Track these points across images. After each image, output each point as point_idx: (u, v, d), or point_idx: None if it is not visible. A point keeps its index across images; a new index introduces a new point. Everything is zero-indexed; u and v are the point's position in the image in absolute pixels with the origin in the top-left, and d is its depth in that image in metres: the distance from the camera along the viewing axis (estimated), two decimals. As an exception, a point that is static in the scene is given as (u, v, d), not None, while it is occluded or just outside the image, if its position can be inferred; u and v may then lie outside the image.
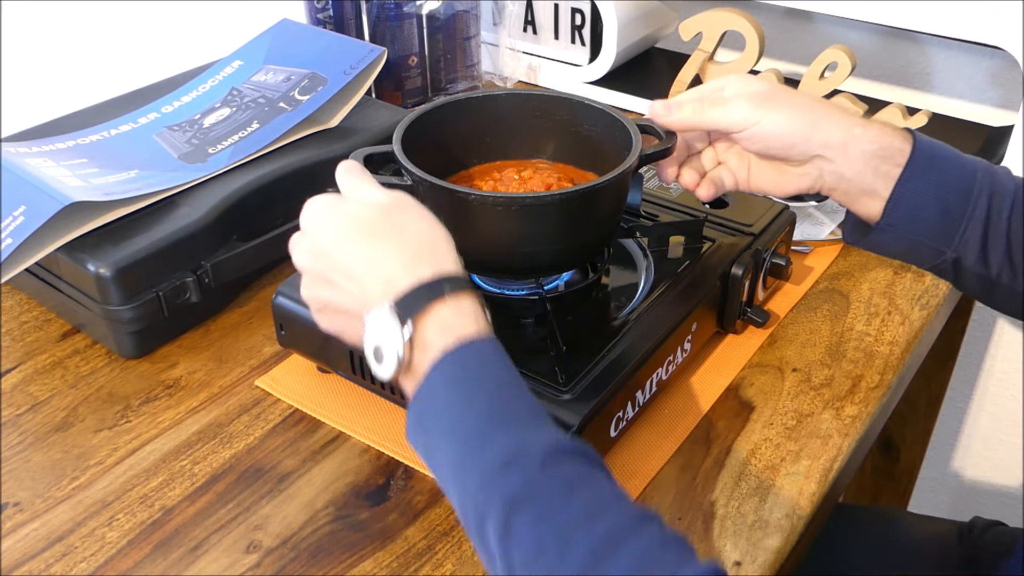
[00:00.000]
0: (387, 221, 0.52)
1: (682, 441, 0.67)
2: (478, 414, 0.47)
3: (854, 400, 0.70)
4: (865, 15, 0.93)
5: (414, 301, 0.48)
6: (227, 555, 0.59)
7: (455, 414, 0.47)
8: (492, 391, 0.48)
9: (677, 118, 0.64)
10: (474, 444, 0.46)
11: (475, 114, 0.72)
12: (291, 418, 0.70)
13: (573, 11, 1.14)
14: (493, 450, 0.45)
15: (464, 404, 0.47)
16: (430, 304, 0.48)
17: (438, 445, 0.48)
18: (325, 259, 0.52)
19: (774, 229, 0.77)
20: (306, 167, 0.83)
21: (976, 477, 1.33)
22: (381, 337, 0.49)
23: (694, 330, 0.70)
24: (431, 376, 0.48)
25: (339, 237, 0.52)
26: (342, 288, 0.51)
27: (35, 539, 0.60)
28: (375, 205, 0.53)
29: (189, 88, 0.94)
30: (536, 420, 0.47)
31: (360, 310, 0.50)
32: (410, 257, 0.50)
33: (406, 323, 0.48)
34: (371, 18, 1.06)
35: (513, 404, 0.48)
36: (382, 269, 0.50)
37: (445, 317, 0.48)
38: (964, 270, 0.61)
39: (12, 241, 0.69)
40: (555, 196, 0.61)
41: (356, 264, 0.51)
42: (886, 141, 0.60)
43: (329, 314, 0.54)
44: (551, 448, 0.45)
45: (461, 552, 0.59)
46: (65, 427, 0.69)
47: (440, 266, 0.50)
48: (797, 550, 0.61)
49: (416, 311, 0.48)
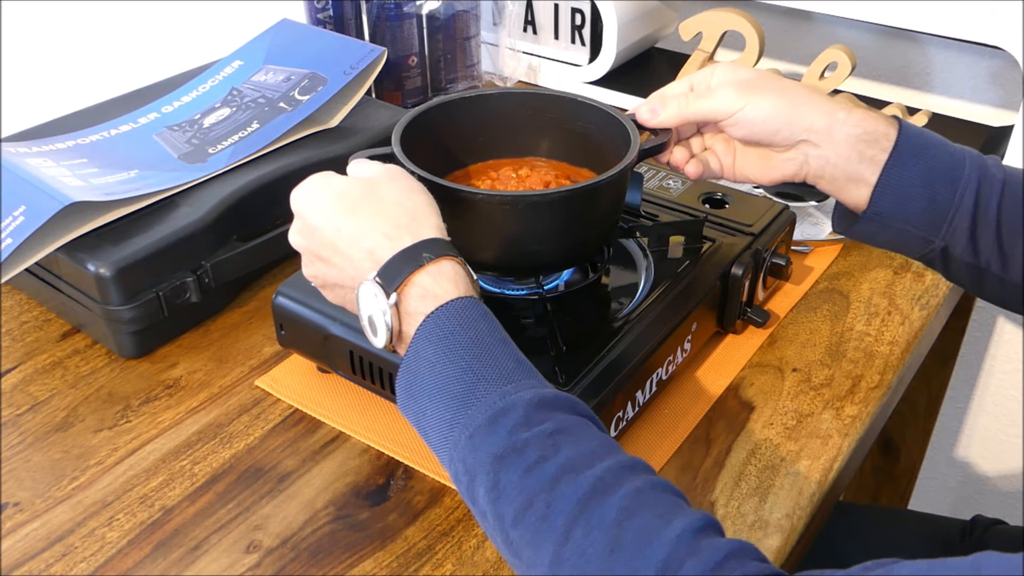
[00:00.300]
0: (370, 194, 0.53)
1: (682, 441, 0.67)
2: (462, 373, 0.47)
3: (854, 400, 0.70)
4: (865, 15, 0.93)
5: (396, 271, 0.50)
6: (227, 555, 0.59)
7: (439, 374, 0.48)
8: (475, 350, 0.48)
9: (664, 118, 0.65)
10: (460, 402, 0.47)
11: (469, 113, 0.72)
12: (291, 418, 0.70)
13: (573, 11, 1.14)
14: (478, 407, 0.46)
15: (447, 364, 0.48)
16: (412, 273, 0.50)
17: (425, 409, 0.48)
18: (315, 236, 0.53)
19: (774, 229, 0.77)
20: (306, 167, 0.83)
21: (976, 477, 1.33)
22: (371, 308, 0.50)
23: (694, 330, 0.70)
24: (415, 341, 0.49)
25: (325, 213, 0.53)
26: (334, 263, 0.53)
27: (35, 539, 0.60)
28: (359, 180, 0.54)
29: (189, 88, 0.94)
30: (521, 375, 0.48)
31: (352, 284, 0.52)
32: (391, 227, 0.51)
33: (390, 294, 0.49)
34: (371, 18, 1.06)
35: (498, 361, 0.48)
36: (366, 241, 0.51)
37: (425, 283, 0.50)
38: (953, 259, 0.61)
39: (12, 241, 0.69)
40: (561, 193, 0.61)
41: (342, 239, 0.52)
42: (871, 125, 0.60)
43: (330, 289, 0.56)
44: (537, 402, 0.46)
45: (461, 552, 0.59)
46: (65, 427, 0.69)
47: (419, 233, 0.51)
48: (797, 550, 0.61)
49: (399, 281, 0.49)
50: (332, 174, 0.55)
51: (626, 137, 0.65)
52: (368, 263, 0.51)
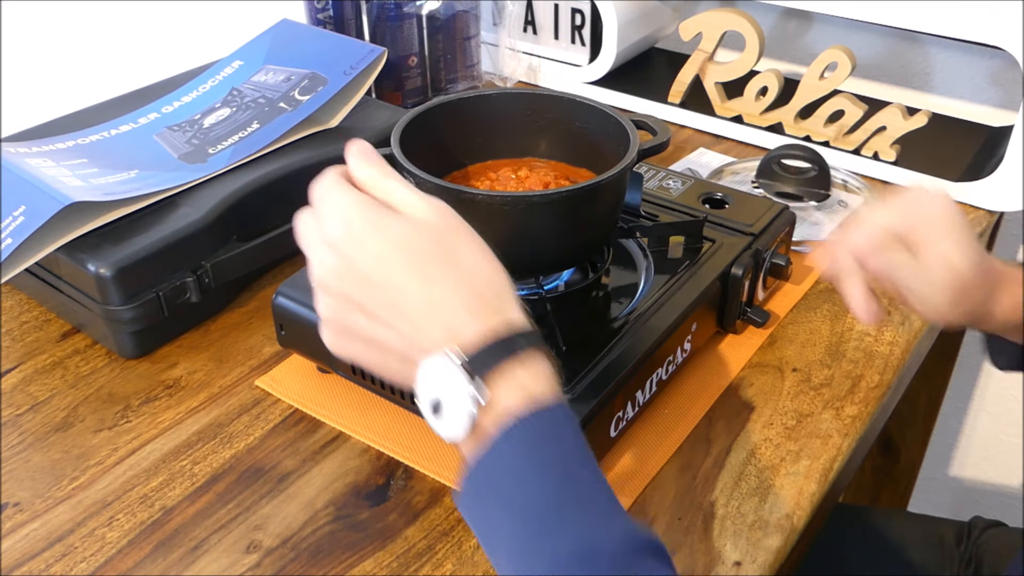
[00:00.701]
0: (441, 250, 0.46)
1: (682, 441, 0.67)
2: (549, 493, 0.43)
3: (854, 400, 0.70)
4: (865, 15, 0.93)
5: (486, 356, 0.43)
6: (227, 555, 0.59)
7: (523, 489, 0.43)
8: (565, 468, 0.43)
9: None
10: (542, 526, 0.42)
11: (469, 113, 0.72)
12: (291, 418, 0.70)
13: (573, 11, 1.14)
14: (563, 537, 0.42)
15: (534, 480, 0.43)
16: (504, 361, 0.44)
17: (499, 519, 0.44)
18: (366, 288, 0.46)
19: (774, 229, 0.77)
20: (306, 167, 0.83)
21: (976, 477, 1.33)
22: (443, 390, 0.44)
23: (694, 330, 0.70)
24: (499, 443, 0.43)
25: (387, 268, 0.45)
26: (392, 326, 0.45)
27: (35, 539, 0.60)
28: (423, 227, 0.46)
29: (189, 88, 0.94)
30: (609, 507, 0.44)
31: (410, 353, 0.45)
32: (476, 301, 0.45)
33: (476, 380, 0.43)
34: (371, 18, 1.06)
35: (587, 485, 0.44)
36: (443, 312, 0.44)
37: (520, 377, 0.44)
38: None
39: (12, 241, 0.69)
40: (561, 193, 0.61)
41: (409, 303, 0.45)
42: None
43: (357, 343, 0.48)
44: (623, 549, 0.42)
45: (461, 552, 0.59)
46: (65, 427, 0.69)
47: (509, 314, 0.45)
48: (797, 550, 0.61)
49: (489, 367, 0.43)
50: (380, 209, 0.46)
51: (625, 137, 0.65)
52: (441, 336, 0.44)
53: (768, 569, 0.58)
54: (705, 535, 0.60)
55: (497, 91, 0.73)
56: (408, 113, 0.68)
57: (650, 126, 0.71)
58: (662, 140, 0.65)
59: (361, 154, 0.49)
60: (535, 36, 1.18)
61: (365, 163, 0.48)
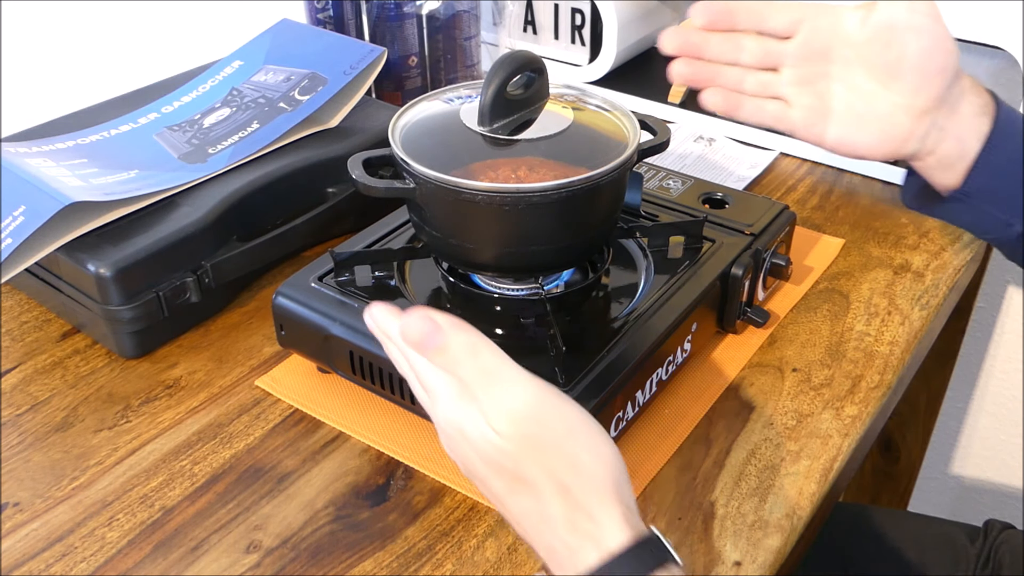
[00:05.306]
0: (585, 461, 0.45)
1: (682, 441, 0.67)
2: None
3: (854, 400, 0.70)
4: (865, 15, 0.93)
5: (637, 563, 0.43)
6: (227, 555, 0.59)
7: None
8: None
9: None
10: None
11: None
12: (291, 418, 0.70)
13: (573, 11, 1.14)
14: None
15: None
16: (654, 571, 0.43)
17: None
18: (537, 469, 0.45)
19: (774, 229, 0.77)
20: (306, 167, 0.84)
21: (976, 477, 1.33)
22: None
23: (694, 330, 0.70)
24: None
25: (548, 465, 0.45)
26: (556, 504, 0.45)
27: (35, 539, 0.60)
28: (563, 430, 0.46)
29: (189, 88, 0.94)
30: None
31: (565, 552, 0.44)
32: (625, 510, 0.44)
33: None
34: (371, 18, 1.06)
35: None
36: (600, 513, 0.44)
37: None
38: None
39: (12, 241, 0.69)
40: (563, 191, 0.61)
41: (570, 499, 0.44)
42: (984, 96, 0.55)
43: (524, 520, 0.47)
44: None
45: (461, 552, 0.59)
46: (65, 427, 0.69)
47: (636, 522, 0.45)
48: (797, 550, 0.61)
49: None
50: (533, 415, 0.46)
51: (624, 135, 0.65)
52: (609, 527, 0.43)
53: (768, 569, 0.58)
54: (705, 535, 0.60)
55: None
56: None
57: (650, 126, 0.71)
58: (662, 140, 0.65)
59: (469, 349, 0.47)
60: (535, 36, 1.18)
61: (472, 356, 0.46)
